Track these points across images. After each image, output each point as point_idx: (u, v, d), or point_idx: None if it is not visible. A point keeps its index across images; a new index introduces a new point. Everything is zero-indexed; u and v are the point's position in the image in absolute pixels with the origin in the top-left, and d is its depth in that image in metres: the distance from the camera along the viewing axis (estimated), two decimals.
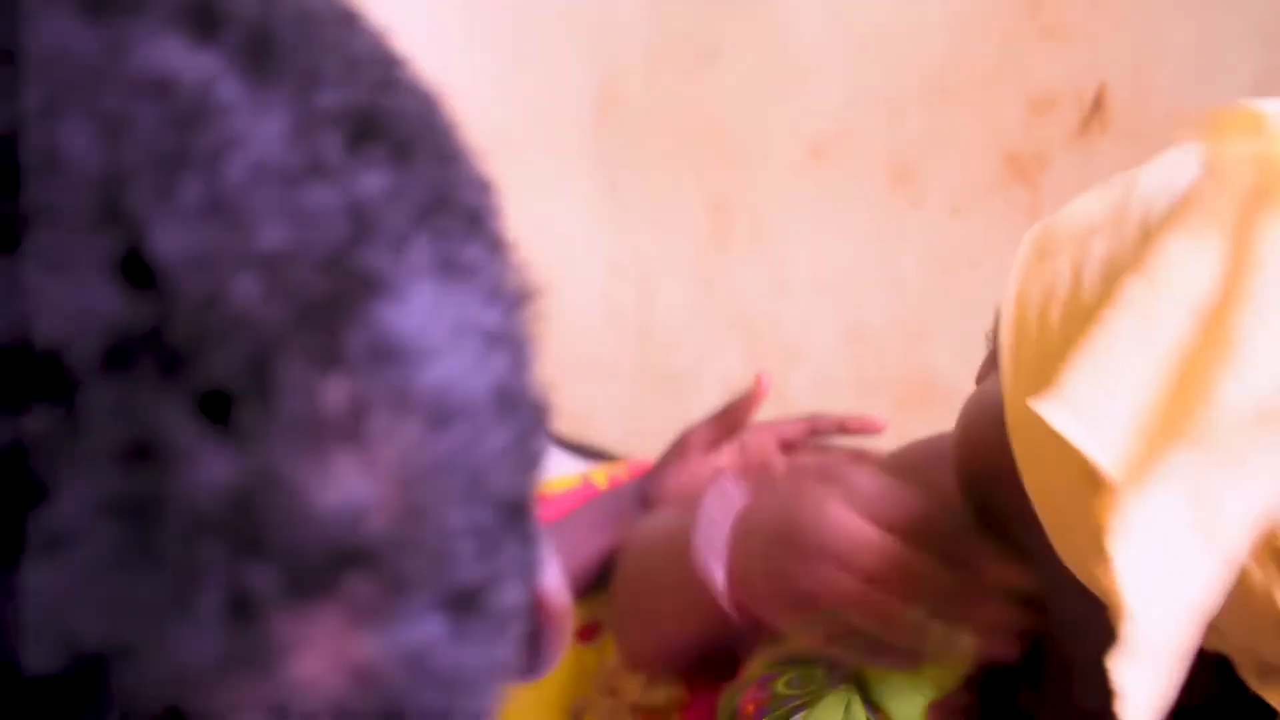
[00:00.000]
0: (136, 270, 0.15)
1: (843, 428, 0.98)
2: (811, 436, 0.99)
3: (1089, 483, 0.40)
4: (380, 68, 0.22)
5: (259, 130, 0.17)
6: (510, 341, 0.21)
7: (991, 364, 0.54)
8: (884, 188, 1.71)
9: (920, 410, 1.74)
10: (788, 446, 0.99)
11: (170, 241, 0.15)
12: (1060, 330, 0.45)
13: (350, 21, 0.22)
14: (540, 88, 2.41)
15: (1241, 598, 0.41)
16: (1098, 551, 0.39)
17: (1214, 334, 0.39)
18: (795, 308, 1.92)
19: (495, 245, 0.22)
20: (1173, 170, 0.46)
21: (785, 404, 1.98)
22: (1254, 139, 0.40)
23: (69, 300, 0.15)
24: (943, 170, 1.63)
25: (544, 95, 2.41)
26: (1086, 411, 0.39)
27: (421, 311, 0.18)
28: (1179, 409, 0.39)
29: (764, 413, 2.06)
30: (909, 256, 1.71)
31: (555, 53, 2.34)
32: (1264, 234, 0.39)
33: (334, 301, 0.17)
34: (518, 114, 2.50)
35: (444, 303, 0.19)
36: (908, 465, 0.73)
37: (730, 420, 1.00)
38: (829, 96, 1.76)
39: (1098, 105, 1.49)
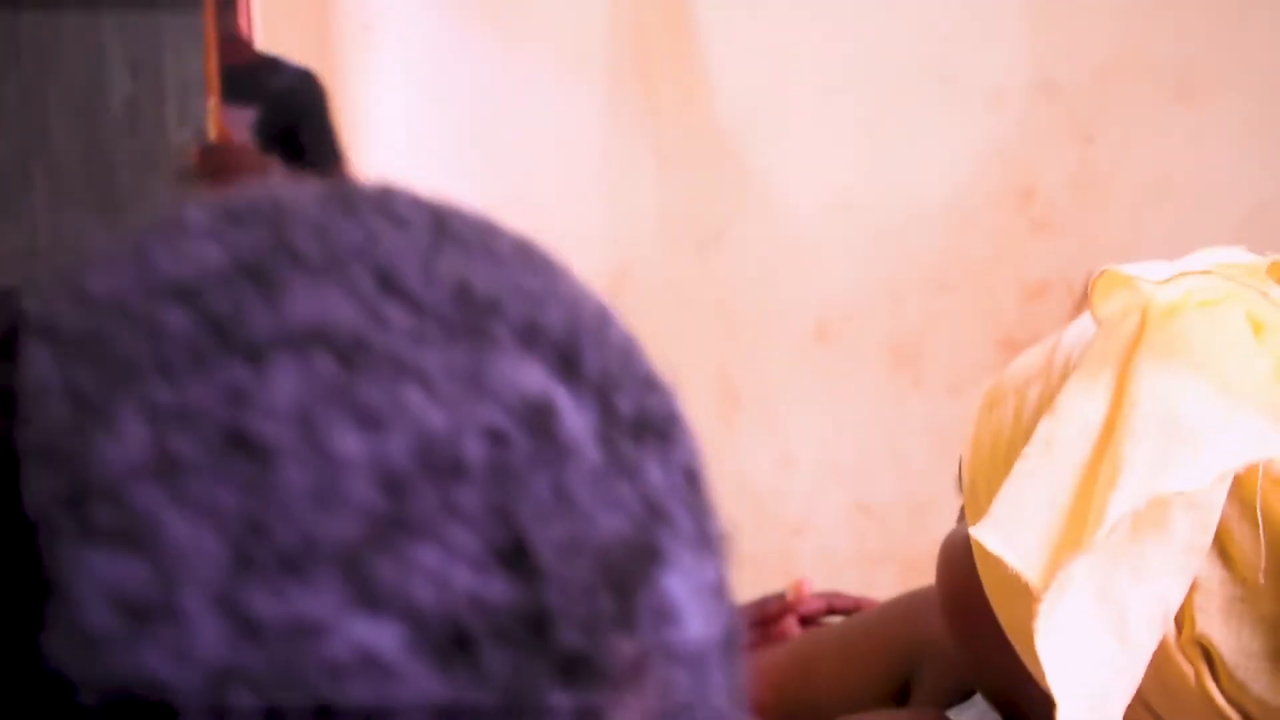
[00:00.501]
0: (516, 557, 0.19)
1: (857, 606, 1.02)
2: (828, 614, 1.02)
3: (1029, 592, 0.46)
4: (640, 364, 0.25)
5: (581, 435, 0.20)
6: (727, 590, 0.25)
7: (962, 510, 0.60)
8: (886, 368, 1.78)
9: (924, 582, 1.77)
10: (806, 622, 1.03)
11: (541, 533, 0.19)
12: (1001, 469, 0.51)
13: (611, 321, 0.25)
14: None
15: (1174, 689, 0.46)
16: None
17: (1102, 457, 0.45)
18: (801, 482, 1.96)
19: (712, 506, 0.27)
20: (1083, 328, 0.53)
21: (790, 577, 2.01)
22: (1129, 295, 0.48)
23: (465, 581, 0.18)
24: (942, 353, 1.70)
25: None
26: (1007, 529, 0.46)
27: (687, 577, 0.22)
28: (1081, 521, 0.45)
29: (772, 586, 2.07)
30: (911, 434, 1.76)
31: (567, 234, 2.45)
32: (1138, 371, 0.46)
33: (633, 573, 0.20)
34: None
35: (699, 567, 0.23)
36: (900, 612, 0.79)
37: (760, 617, 1.03)
38: (833, 281, 1.85)
39: (1087, 292, 1.57)
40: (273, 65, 2.73)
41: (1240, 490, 0.44)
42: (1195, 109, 1.42)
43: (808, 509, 1.95)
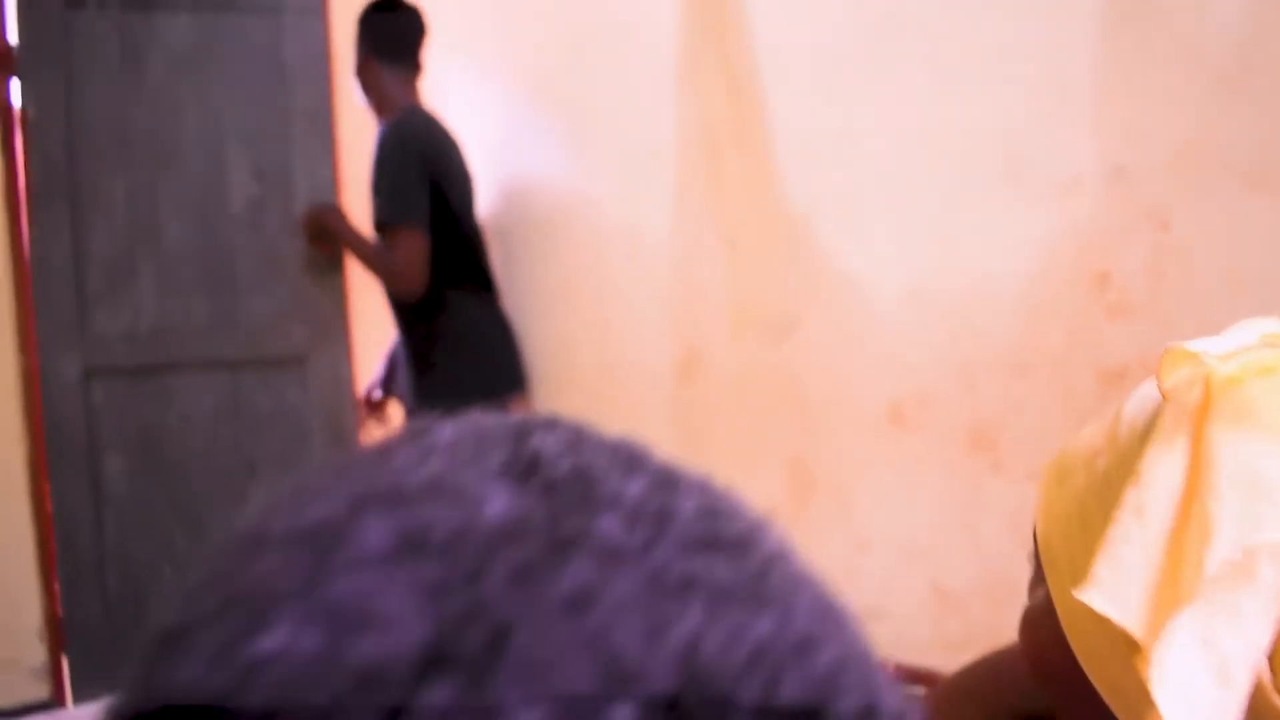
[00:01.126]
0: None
1: (930, 678, 1.04)
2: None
3: (1128, 648, 0.51)
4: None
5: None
6: None
7: (1036, 581, 0.65)
8: (963, 452, 1.78)
9: None
10: None
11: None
12: (1082, 537, 0.57)
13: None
14: (624, 349, 2.57)
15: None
16: (1146, 701, 0.49)
17: (1190, 517, 0.51)
18: (876, 567, 1.95)
19: None
20: (1144, 400, 0.59)
21: None
22: (1192, 368, 0.54)
23: None
24: (1020, 437, 1.70)
25: (627, 356, 2.56)
26: (1111, 591, 0.51)
27: None
28: (1177, 578, 0.50)
29: None
30: (989, 518, 1.75)
31: (639, 321, 2.50)
32: (1212, 437, 0.51)
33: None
34: (601, 373, 2.65)
35: None
36: (973, 681, 0.83)
37: None
38: (907, 365, 1.86)
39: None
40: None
41: None
42: (1269, 196, 1.43)
43: (884, 593, 1.94)
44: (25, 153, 2.98)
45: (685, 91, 2.30)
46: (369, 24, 2.70)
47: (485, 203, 3.03)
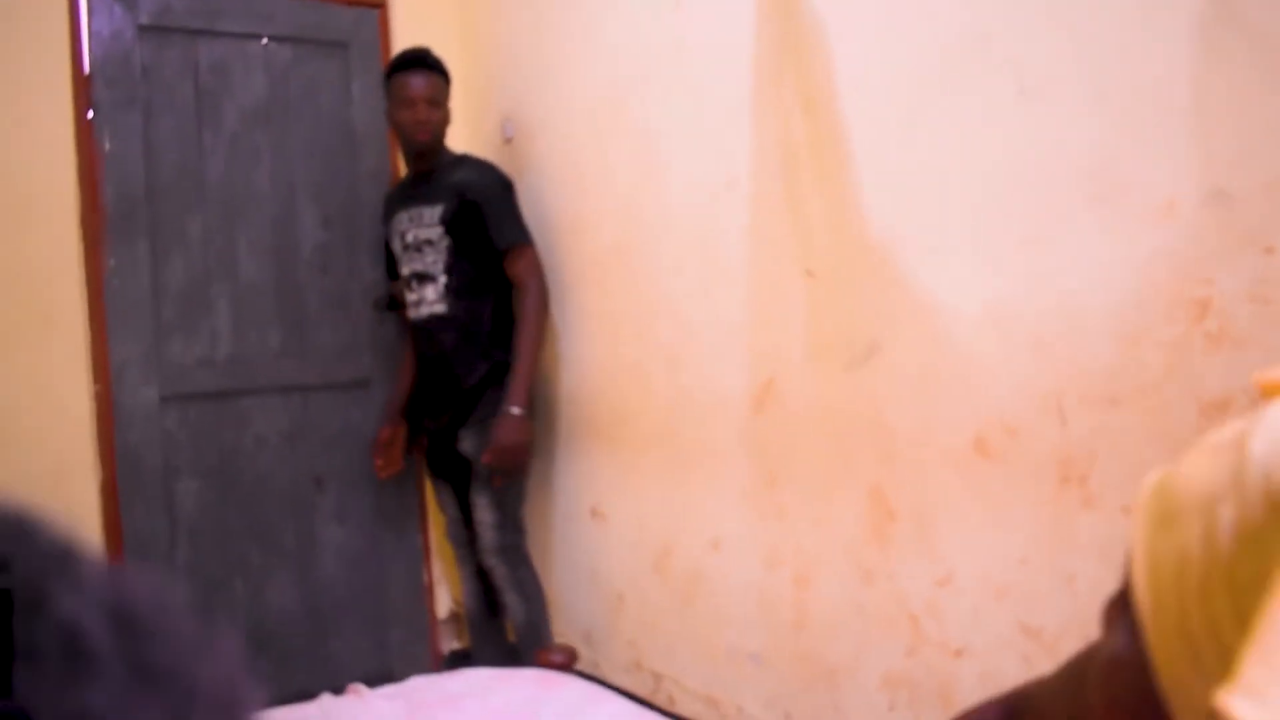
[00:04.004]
0: None
1: None
2: None
3: None
4: None
5: None
6: None
7: (1114, 613, 0.56)
8: (1052, 485, 1.72)
9: None
10: None
11: None
12: (1198, 594, 0.47)
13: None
14: (700, 378, 2.54)
15: None
16: None
17: None
18: (961, 602, 1.89)
19: None
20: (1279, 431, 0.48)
21: (950, 702, 1.92)
22: None
23: None
24: (1113, 470, 1.64)
25: (703, 384, 2.52)
26: (1266, 701, 0.40)
27: None
28: None
29: (930, 709, 1.99)
30: (1081, 554, 1.69)
31: (717, 350, 2.47)
32: None
33: None
34: (676, 401, 2.62)
35: None
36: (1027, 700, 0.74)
37: None
38: (992, 394, 1.80)
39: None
40: (460, 162, 2.98)
41: None
42: None
43: (969, 631, 1.88)
44: (104, 185, 3.05)
45: (761, 116, 2.27)
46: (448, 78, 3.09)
47: (563, 229, 3.04)
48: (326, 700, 1.90)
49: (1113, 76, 1.59)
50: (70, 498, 2.90)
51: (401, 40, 3.44)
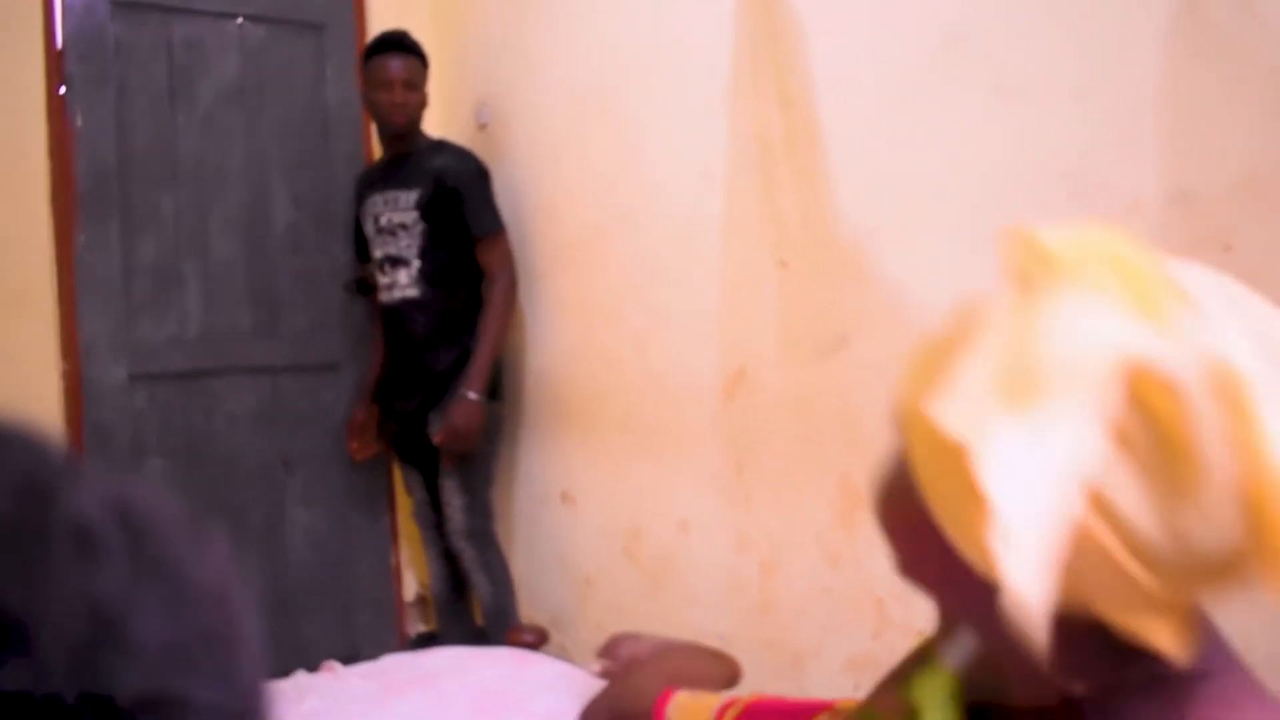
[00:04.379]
0: None
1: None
2: None
3: (962, 463, 0.57)
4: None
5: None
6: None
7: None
8: None
9: None
10: None
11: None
12: (929, 385, 0.62)
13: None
14: (671, 366, 2.57)
15: (1086, 548, 0.57)
16: (980, 518, 0.55)
17: (1023, 355, 0.59)
18: None
19: None
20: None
21: None
22: (1028, 253, 0.62)
23: None
24: None
25: (675, 372, 2.56)
26: (952, 405, 0.59)
27: None
28: (1012, 389, 0.58)
29: None
30: None
31: (689, 337, 2.50)
32: (1043, 297, 0.60)
33: None
34: (647, 389, 2.66)
35: None
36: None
37: None
38: None
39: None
40: (437, 147, 3.00)
41: (1129, 385, 0.56)
42: None
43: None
44: (76, 162, 3.03)
45: (738, 108, 2.31)
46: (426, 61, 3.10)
47: (537, 215, 3.06)
48: (302, 678, 1.92)
49: (1088, 76, 1.64)
50: None
51: (377, 22, 3.44)
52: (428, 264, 2.98)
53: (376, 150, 3.39)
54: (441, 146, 3.08)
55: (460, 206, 2.96)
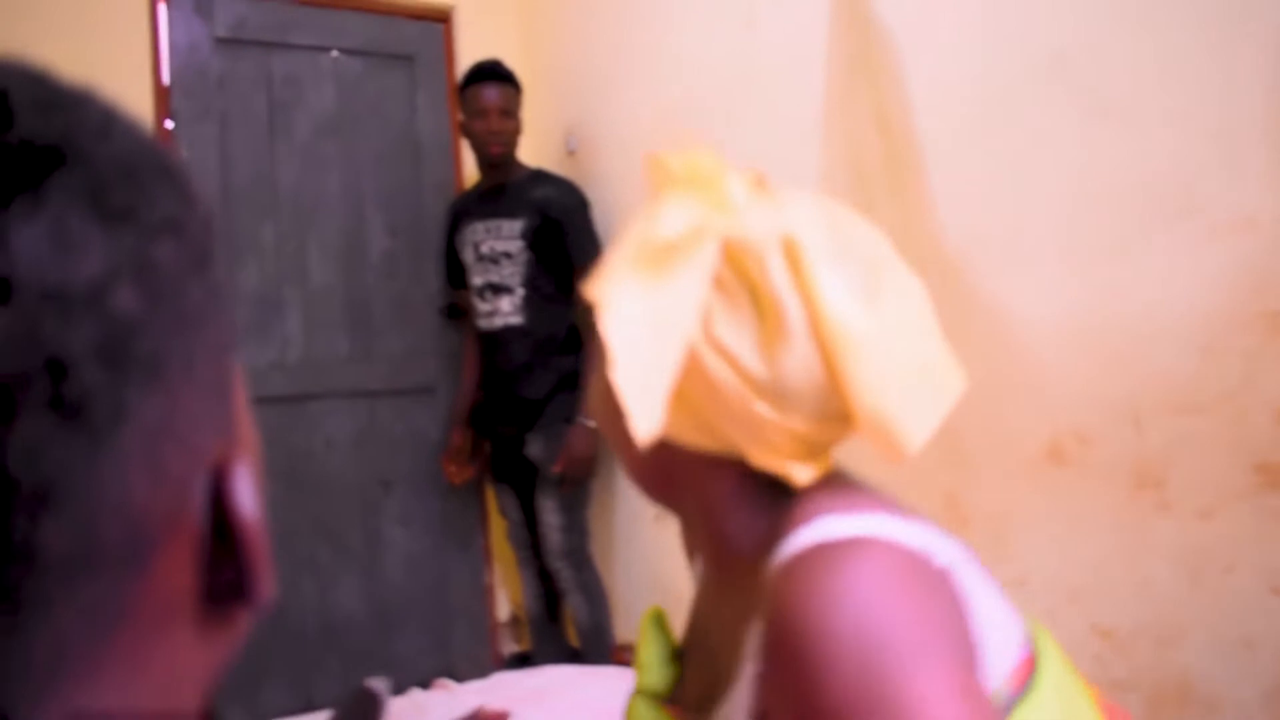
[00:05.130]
0: None
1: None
2: None
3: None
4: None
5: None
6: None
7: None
8: (1127, 491, 1.76)
9: (1174, 711, 1.72)
10: None
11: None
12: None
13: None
14: None
15: (708, 384, 0.75)
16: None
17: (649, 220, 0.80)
18: (1035, 605, 1.93)
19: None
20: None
21: None
22: (657, 162, 0.84)
23: None
24: (1189, 477, 1.68)
25: None
26: (599, 284, 0.79)
27: None
28: (635, 257, 0.78)
29: None
30: (1156, 558, 1.73)
31: None
32: (652, 199, 0.83)
33: None
34: None
35: None
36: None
37: None
38: (1068, 402, 1.85)
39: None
40: (538, 177, 3.06)
41: (725, 250, 0.76)
42: None
43: None
44: None
45: (833, 132, 2.33)
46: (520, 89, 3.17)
47: (612, 225, 3.11)
48: (418, 694, 1.97)
49: (1189, 94, 1.64)
50: None
51: (466, 53, 3.52)
52: (530, 292, 3.03)
53: (467, 179, 3.47)
54: (542, 176, 3.13)
55: (564, 238, 3.02)
